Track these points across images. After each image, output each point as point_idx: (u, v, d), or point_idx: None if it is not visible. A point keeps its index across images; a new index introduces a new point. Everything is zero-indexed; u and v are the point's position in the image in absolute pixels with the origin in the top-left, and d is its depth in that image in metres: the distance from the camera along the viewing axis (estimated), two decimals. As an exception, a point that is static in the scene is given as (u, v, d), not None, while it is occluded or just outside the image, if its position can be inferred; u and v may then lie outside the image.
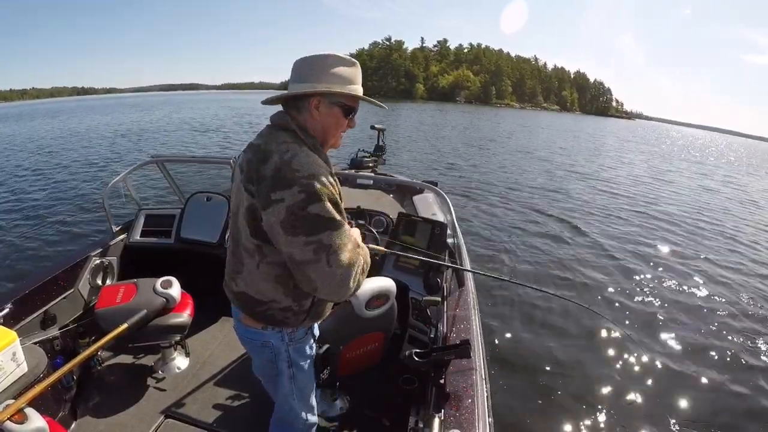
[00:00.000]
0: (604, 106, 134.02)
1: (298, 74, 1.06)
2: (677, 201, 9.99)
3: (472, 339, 1.50)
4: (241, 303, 1.14)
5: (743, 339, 3.77)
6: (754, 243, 6.97)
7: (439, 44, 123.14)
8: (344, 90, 1.04)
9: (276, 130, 1.06)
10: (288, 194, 0.93)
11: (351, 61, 1.07)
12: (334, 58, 1.04)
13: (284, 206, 0.93)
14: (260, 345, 1.18)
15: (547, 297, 4.22)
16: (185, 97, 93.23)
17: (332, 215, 0.95)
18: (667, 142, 40.69)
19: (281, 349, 1.18)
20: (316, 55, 1.05)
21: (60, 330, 2.01)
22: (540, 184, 10.38)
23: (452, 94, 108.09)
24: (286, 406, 1.30)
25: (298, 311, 1.12)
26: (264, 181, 0.96)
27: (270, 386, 1.32)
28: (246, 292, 1.11)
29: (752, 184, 15.47)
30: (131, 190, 2.75)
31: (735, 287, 4.94)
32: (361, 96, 1.09)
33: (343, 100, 1.06)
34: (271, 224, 0.97)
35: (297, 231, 0.94)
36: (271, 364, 1.21)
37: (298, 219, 0.93)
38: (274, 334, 1.15)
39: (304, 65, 1.05)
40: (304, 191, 0.92)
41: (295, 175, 0.93)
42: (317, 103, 1.05)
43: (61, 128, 21.30)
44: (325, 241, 0.94)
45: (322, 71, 1.03)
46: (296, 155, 0.96)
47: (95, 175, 9.36)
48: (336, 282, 0.98)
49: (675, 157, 23.73)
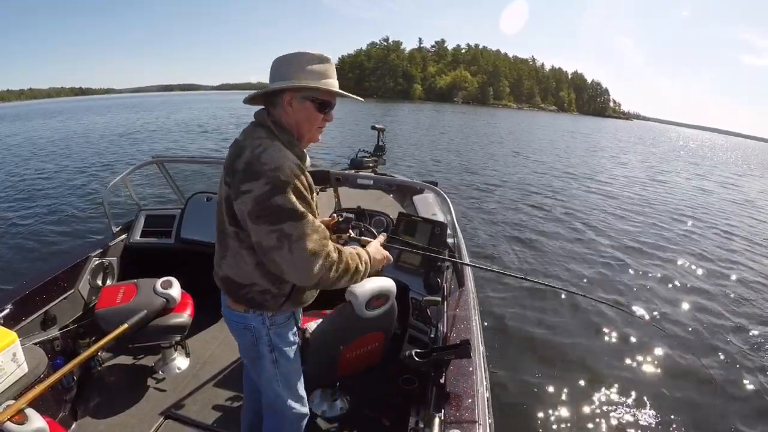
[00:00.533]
0: (601, 106, 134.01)
1: (275, 73, 1.12)
2: (673, 199, 10.07)
3: (472, 339, 1.50)
4: (226, 287, 1.21)
5: (742, 333, 3.78)
6: (749, 239, 6.99)
7: (436, 45, 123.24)
8: (315, 84, 1.09)
9: (255, 126, 1.13)
10: (255, 186, 1.00)
11: (324, 58, 1.11)
12: (307, 55, 1.10)
13: (251, 197, 1.00)
14: (243, 328, 1.24)
15: (547, 297, 4.22)
16: (183, 98, 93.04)
17: (294, 206, 1.01)
18: (665, 142, 40.73)
19: (262, 332, 1.23)
20: (290, 54, 1.10)
21: (60, 330, 2.01)
22: (539, 184, 10.40)
23: (450, 94, 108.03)
24: (272, 392, 1.33)
25: (277, 294, 1.18)
26: (236, 173, 1.04)
27: (254, 371, 1.35)
28: (229, 276, 1.18)
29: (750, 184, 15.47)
30: (131, 191, 2.75)
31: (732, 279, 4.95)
32: (331, 90, 1.12)
33: (314, 95, 1.11)
34: (241, 213, 1.05)
35: (262, 220, 1.01)
36: (252, 347, 1.26)
37: (263, 209, 1.00)
38: (255, 317, 1.21)
39: (280, 64, 1.11)
40: (269, 183, 0.99)
41: (263, 168, 1.00)
42: (290, 99, 1.10)
43: (61, 129, 21.28)
44: (286, 230, 1.00)
45: (296, 68, 1.09)
46: (266, 150, 1.03)
47: (95, 175, 9.36)
48: (299, 268, 1.03)
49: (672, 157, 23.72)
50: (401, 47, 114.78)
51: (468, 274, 2.13)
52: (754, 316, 4.25)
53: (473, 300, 1.93)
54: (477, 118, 44.19)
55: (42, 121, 27.68)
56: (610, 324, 3.83)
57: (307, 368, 1.78)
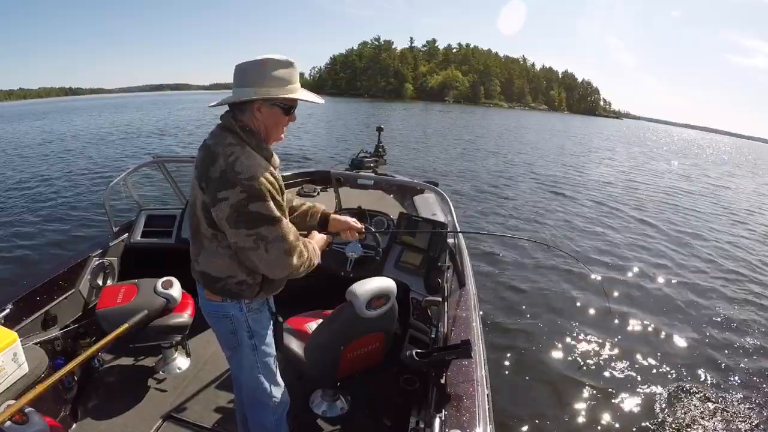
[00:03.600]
0: (591, 105, 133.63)
1: (240, 79, 1.16)
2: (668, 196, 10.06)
3: (472, 339, 1.50)
4: (204, 280, 1.28)
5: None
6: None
7: (428, 44, 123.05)
8: (283, 93, 1.16)
9: (223, 131, 1.19)
10: (231, 194, 1.08)
11: (287, 62, 1.17)
12: (271, 61, 1.15)
13: (228, 204, 1.08)
14: (222, 316, 1.30)
15: (548, 297, 4.23)
16: (175, 97, 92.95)
17: (270, 212, 1.11)
18: (653, 139, 40.99)
19: (241, 319, 1.30)
20: (255, 60, 1.15)
21: (61, 330, 2.01)
22: (538, 182, 10.41)
23: (441, 93, 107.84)
24: (254, 380, 1.37)
25: (252, 284, 1.25)
26: (211, 182, 1.11)
27: (234, 361, 1.41)
28: (206, 271, 1.25)
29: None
30: (132, 191, 2.75)
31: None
32: (298, 98, 1.19)
33: (281, 101, 1.18)
34: (219, 218, 1.13)
35: (239, 225, 1.10)
36: (232, 335, 1.32)
37: (240, 215, 1.09)
38: (233, 305, 1.28)
39: (245, 70, 1.16)
40: (245, 191, 1.07)
41: (237, 177, 1.08)
42: (259, 105, 1.16)
43: (58, 129, 21.22)
44: (263, 233, 1.11)
45: (262, 75, 1.14)
46: (238, 158, 1.10)
47: (95, 175, 9.36)
48: (274, 265, 1.16)
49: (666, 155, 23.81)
50: (393, 46, 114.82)
51: (469, 274, 2.13)
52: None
53: (474, 300, 1.92)
54: (469, 117, 44.38)
55: (38, 121, 27.61)
56: (611, 323, 3.83)
57: (307, 368, 1.78)
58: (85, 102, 73.47)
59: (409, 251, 2.33)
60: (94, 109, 40.90)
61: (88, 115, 31.89)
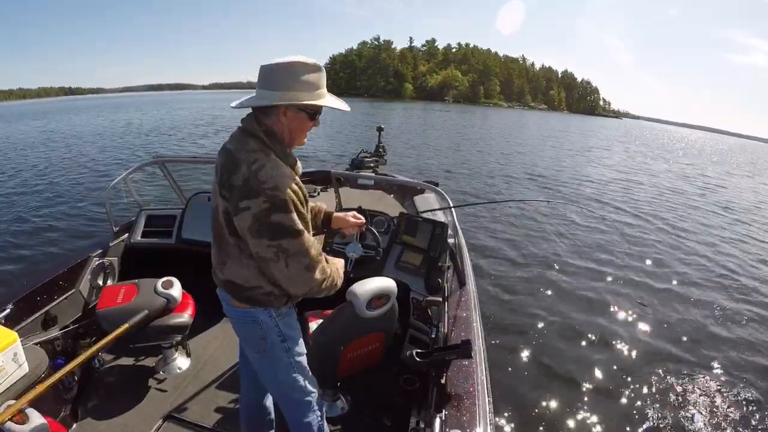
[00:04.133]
0: (591, 105, 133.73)
1: (266, 80, 1.11)
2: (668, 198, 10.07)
3: (473, 339, 1.50)
4: (228, 289, 1.25)
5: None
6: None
7: (427, 44, 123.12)
8: (312, 99, 1.12)
9: (245, 136, 1.14)
10: (254, 203, 1.04)
11: (316, 66, 1.13)
12: (300, 65, 1.10)
13: (251, 214, 1.04)
14: (250, 322, 1.26)
15: (549, 297, 4.22)
16: (175, 97, 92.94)
17: (292, 224, 1.06)
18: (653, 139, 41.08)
19: (271, 324, 1.26)
20: (283, 63, 1.10)
21: (61, 330, 2.01)
22: (538, 181, 10.42)
23: (441, 93, 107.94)
24: (289, 380, 1.35)
25: (279, 295, 1.22)
26: (234, 189, 1.07)
27: (263, 366, 1.36)
28: (232, 280, 1.21)
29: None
30: (132, 191, 2.75)
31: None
32: (327, 104, 1.15)
33: (310, 108, 1.13)
34: (241, 228, 1.09)
35: (261, 235, 1.06)
36: (261, 340, 1.28)
37: (262, 225, 1.05)
38: (262, 311, 1.24)
39: (272, 72, 1.10)
40: (268, 201, 1.03)
41: (261, 186, 1.04)
42: (285, 109, 1.12)
43: (60, 129, 21.26)
44: (284, 245, 1.07)
45: (291, 79, 1.09)
46: (263, 166, 1.06)
47: (96, 175, 9.36)
48: (294, 281, 1.12)
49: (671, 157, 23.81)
50: (392, 46, 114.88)
51: (469, 274, 2.13)
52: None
53: (474, 300, 1.92)
54: (469, 117, 44.51)
55: (37, 121, 27.66)
56: (613, 323, 3.83)
57: None
58: (84, 102, 73.55)
59: (409, 251, 2.33)
60: (93, 109, 40.94)
61: (88, 115, 31.92)
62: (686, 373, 3.21)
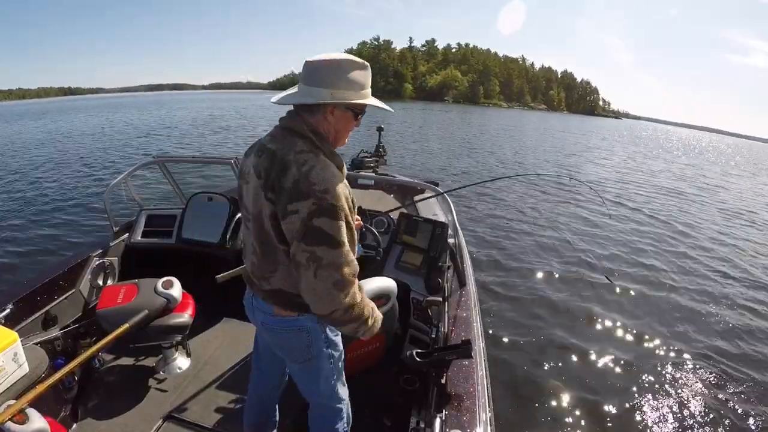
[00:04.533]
0: (591, 105, 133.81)
1: (312, 77, 1.06)
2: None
3: (473, 339, 1.50)
4: (276, 298, 1.18)
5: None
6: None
7: (427, 44, 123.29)
8: (359, 98, 1.08)
9: (290, 135, 1.08)
10: (303, 206, 0.98)
11: (363, 65, 1.09)
12: (348, 62, 1.06)
13: (299, 217, 0.98)
14: (297, 330, 1.21)
15: (550, 298, 4.21)
16: (174, 97, 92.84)
17: (334, 233, 0.99)
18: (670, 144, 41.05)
19: (318, 330, 1.22)
20: (331, 59, 1.05)
21: (61, 330, 2.01)
22: (538, 181, 10.39)
23: (441, 93, 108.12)
24: (329, 390, 1.33)
25: None
26: (283, 192, 1.01)
27: (304, 374, 1.32)
28: (282, 288, 1.15)
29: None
30: (132, 191, 2.75)
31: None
32: (373, 104, 1.13)
33: (357, 107, 1.10)
34: (288, 231, 1.02)
35: (300, 237, 0.99)
36: (307, 348, 1.24)
37: (304, 227, 0.98)
38: (310, 318, 1.18)
39: (320, 68, 1.05)
40: (316, 204, 0.97)
41: (312, 188, 0.98)
42: (333, 108, 1.07)
43: (59, 128, 21.24)
44: (318, 253, 0.98)
45: (338, 76, 1.04)
46: (314, 167, 1.00)
47: (96, 175, 9.36)
48: (318, 295, 1.02)
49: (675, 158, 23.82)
50: (392, 46, 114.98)
51: (469, 274, 2.13)
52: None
53: (474, 300, 1.92)
54: (467, 117, 44.49)
55: (37, 121, 27.64)
56: (615, 323, 3.83)
57: None
58: (84, 102, 73.45)
59: (409, 251, 2.33)
60: (93, 109, 40.89)
61: (88, 115, 31.90)
62: (689, 374, 3.22)
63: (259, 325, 1.28)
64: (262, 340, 1.46)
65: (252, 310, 1.28)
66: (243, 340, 2.38)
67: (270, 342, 1.33)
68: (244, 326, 2.48)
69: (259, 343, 1.47)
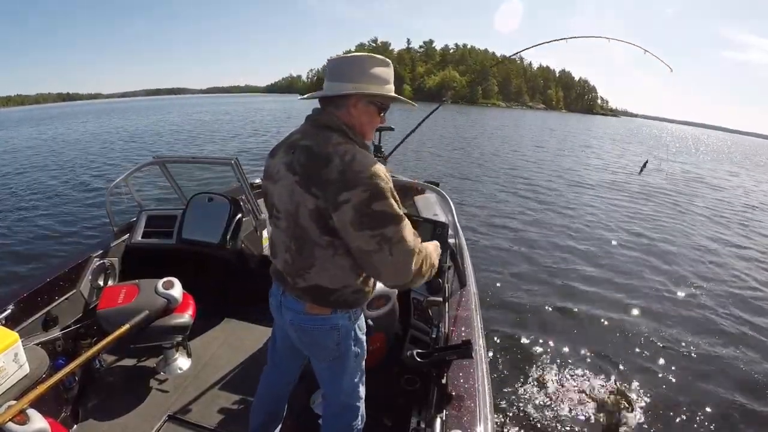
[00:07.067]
0: (589, 104, 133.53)
1: (335, 73, 1.12)
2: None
3: (473, 339, 1.50)
4: (312, 295, 1.18)
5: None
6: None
7: (425, 45, 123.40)
8: (383, 91, 1.12)
9: (324, 130, 1.11)
10: (353, 194, 1.00)
11: (385, 61, 1.14)
12: (369, 58, 1.12)
13: (351, 206, 1.00)
14: (329, 329, 1.22)
15: (552, 298, 4.21)
16: (173, 101, 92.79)
17: (394, 210, 1.03)
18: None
19: (349, 328, 1.24)
20: (354, 56, 1.12)
21: (62, 331, 2.01)
22: (539, 182, 10.40)
23: (439, 94, 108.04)
24: (350, 387, 1.34)
25: (367, 291, 1.22)
26: (330, 184, 1.02)
27: (330, 371, 1.32)
28: (319, 284, 1.15)
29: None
30: (133, 191, 2.75)
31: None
32: (397, 97, 1.16)
33: (378, 100, 1.13)
34: (342, 223, 1.03)
35: (363, 226, 1.01)
36: (337, 346, 1.24)
37: (364, 216, 1.00)
38: (342, 315, 1.21)
39: (343, 64, 1.12)
40: (368, 190, 1.00)
41: (359, 176, 1.00)
42: (356, 101, 1.11)
43: (59, 132, 21.27)
44: (387, 234, 1.02)
45: (362, 71, 1.10)
46: (355, 156, 1.03)
47: (96, 176, 9.38)
48: (398, 269, 1.07)
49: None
50: (390, 48, 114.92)
51: (470, 274, 2.13)
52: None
53: (475, 300, 1.92)
54: (466, 117, 44.50)
55: (37, 126, 27.60)
56: (614, 321, 3.83)
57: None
58: (83, 107, 73.52)
59: None
60: (92, 114, 40.98)
61: (87, 119, 31.97)
62: (692, 374, 3.21)
63: (287, 323, 1.28)
64: (281, 337, 1.43)
65: (279, 309, 1.28)
66: (244, 341, 2.38)
67: (296, 340, 1.31)
68: (244, 326, 2.48)
69: (278, 338, 1.46)
